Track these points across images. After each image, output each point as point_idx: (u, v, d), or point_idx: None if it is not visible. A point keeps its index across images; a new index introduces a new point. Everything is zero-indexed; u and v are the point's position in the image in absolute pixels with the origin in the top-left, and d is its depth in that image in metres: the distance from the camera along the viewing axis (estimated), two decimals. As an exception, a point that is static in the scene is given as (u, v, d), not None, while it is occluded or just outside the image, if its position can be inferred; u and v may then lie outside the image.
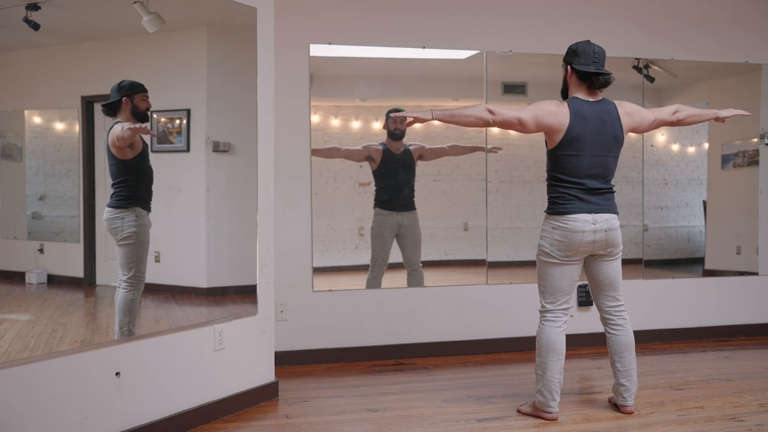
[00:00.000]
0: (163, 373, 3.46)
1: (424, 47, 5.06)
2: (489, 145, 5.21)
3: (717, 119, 3.95)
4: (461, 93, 5.41)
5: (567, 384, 4.20)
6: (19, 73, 3.09)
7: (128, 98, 3.36)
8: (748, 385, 4.28)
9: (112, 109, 3.35)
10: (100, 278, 3.47)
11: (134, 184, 3.46)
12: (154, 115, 3.60)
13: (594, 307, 4.58)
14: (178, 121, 3.72)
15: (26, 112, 3.27)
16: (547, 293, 3.68)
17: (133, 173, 3.45)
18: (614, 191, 3.68)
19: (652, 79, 5.54)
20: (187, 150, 3.75)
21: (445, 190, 5.27)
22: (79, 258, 3.41)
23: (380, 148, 5.07)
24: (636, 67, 5.49)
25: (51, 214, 3.35)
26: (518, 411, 3.80)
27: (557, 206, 3.61)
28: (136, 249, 3.45)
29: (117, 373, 3.21)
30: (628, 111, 3.69)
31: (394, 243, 5.13)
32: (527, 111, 3.56)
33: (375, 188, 5.10)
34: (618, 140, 3.64)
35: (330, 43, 4.90)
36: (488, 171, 5.24)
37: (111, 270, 3.43)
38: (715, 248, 5.92)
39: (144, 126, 3.39)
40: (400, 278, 5.13)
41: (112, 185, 3.38)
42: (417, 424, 3.63)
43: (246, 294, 4.00)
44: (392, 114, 5.03)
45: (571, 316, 4.71)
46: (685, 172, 5.90)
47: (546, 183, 3.70)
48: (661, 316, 5.54)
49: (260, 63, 4.03)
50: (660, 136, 5.82)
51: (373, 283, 5.06)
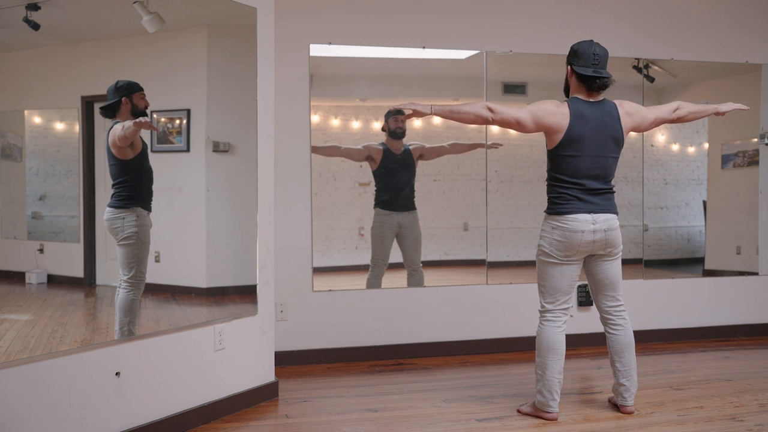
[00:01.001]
0: (163, 373, 3.46)
1: (424, 47, 5.06)
2: (489, 142, 5.21)
3: (717, 113, 3.97)
4: (461, 93, 5.41)
5: (567, 384, 4.20)
6: (19, 73, 3.09)
7: (127, 98, 3.36)
8: (748, 385, 4.28)
9: (111, 111, 3.35)
10: (100, 278, 3.47)
11: (134, 184, 3.46)
12: (154, 115, 3.60)
13: (594, 307, 4.59)
14: (178, 121, 3.72)
15: (26, 112, 3.27)
16: (546, 293, 3.68)
17: (134, 173, 3.45)
18: (614, 191, 3.69)
19: (652, 79, 5.54)
20: (187, 150, 3.75)
21: (445, 190, 5.27)
22: (79, 258, 3.41)
23: (380, 148, 5.08)
24: (636, 67, 5.49)
25: (51, 214, 3.35)
26: (518, 411, 3.80)
27: (557, 206, 3.61)
28: (137, 249, 3.45)
29: (117, 373, 3.21)
30: (629, 111, 3.69)
31: (395, 243, 5.13)
32: (527, 110, 3.56)
33: (375, 188, 5.10)
34: (618, 141, 3.64)
35: (330, 43, 4.90)
36: (488, 171, 5.24)
37: (111, 270, 3.43)
38: (715, 248, 5.92)
39: (146, 120, 3.38)
40: (400, 278, 5.13)
41: (113, 185, 3.38)
42: (417, 424, 3.63)
43: (246, 294, 4.00)
44: (394, 116, 5.04)
45: (571, 316, 4.71)
46: (685, 172, 5.89)
47: (546, 183, 3.70)
48: (661, 316, 5.54)
49: (260, 63, 4.03)
50: (660, 136, 5.82)
51: (373, 283, 5.06)
